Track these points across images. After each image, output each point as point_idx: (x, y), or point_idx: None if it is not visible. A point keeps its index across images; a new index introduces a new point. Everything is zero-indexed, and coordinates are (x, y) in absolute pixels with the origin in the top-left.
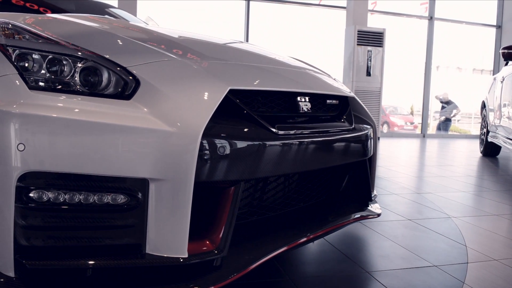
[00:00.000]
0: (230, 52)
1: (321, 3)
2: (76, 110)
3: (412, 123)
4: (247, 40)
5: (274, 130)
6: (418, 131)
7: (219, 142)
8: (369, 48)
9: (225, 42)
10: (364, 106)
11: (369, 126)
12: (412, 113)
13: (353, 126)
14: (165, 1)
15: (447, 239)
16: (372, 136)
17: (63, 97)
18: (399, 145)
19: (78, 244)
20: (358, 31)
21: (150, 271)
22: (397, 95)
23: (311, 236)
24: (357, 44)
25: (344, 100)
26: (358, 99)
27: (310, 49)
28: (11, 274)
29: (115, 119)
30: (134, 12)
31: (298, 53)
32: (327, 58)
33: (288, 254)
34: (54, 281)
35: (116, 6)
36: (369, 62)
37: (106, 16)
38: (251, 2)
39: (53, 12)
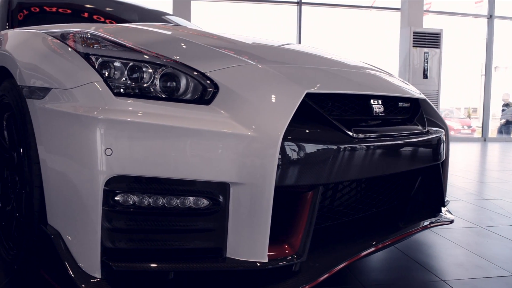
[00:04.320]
0: (301, 56)
1: (374, 5)
2: (159, 115)
3: (469, 126)
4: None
5: (350, 133)
6: (476, 135)
7: (298, 146)
8: (426, 49)
9: (293, 47)
10: (436, 109)
11: (441, 129)
12: (469, 116)
13: (426, 129)
14: (215, 5)
15: None
16: (444, 140)
17: (146, 103)
18: (459, 149)
19: (161, 247)
20: (413, 33)
21: (228, 276)
22: (453, 97)
23: (387, 243)
24: (413, 46)
25: (415, 103)
26: (429, 101)
27: (363, 52)
28: (98, 275)
29: (198, 124)
30: (188, 18)
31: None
32: (381, 61)
33: (358, 260)
34: (138, 282)
35: (171, 13)
36: (426, 64)
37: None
38: (303, 7)
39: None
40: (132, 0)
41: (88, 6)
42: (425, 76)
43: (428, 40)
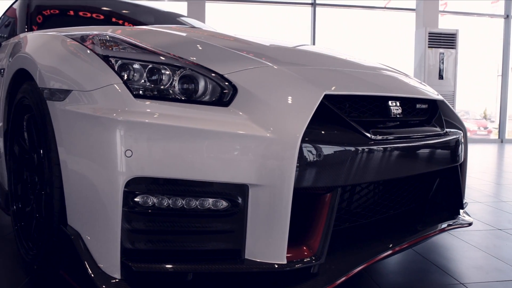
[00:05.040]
0: (317, 58)
1: (388, 5)
2: (179, 117)
3: (485, 128)
4: None
5: (369, 135)
6: (492, 136)
7: (317, 148)
8: (441, 50)
9: (309, 48)
10: (454, 110)
11: (459, 131)
12: (485, 118)
13: (444, 130)
14: (229, 6)
15: None
16: (463, 141)
17: (165, 105)
18: (476, 151)
19: (180, 248)
20: (429, 33)
21: (246, 277)
22: (469, 98)
23: (404, 246)
24: (428, 47)
25: (433, 104)
26: (447, 103)
27: (377, 52)
28: (117, 275)
29: (216, 126)
30: (202, 20)
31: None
32: (395, 62)
33: (375, 263)
34: (157, 283)
35: (186, 14)
36: (441, 65)
37: (180, 25)
38: (317, 8)
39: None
40: (148, 2)
41: (105, 8)
42: (440, 77)
43: (444, 40)
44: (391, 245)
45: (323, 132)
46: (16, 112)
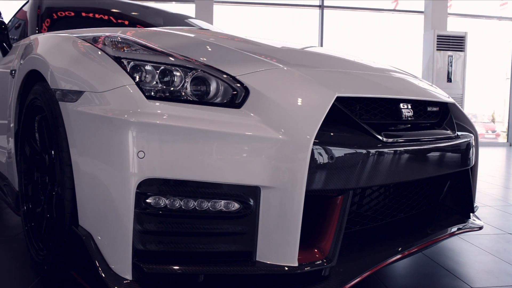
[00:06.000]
0: (328, 60)
1: (397, 8)
2: (191, 118)
3: (494, 131)
4: None
5: (380, 137)
6: (501, 139)
7: (329, 150)
8: (450, 53)
9: (318, 50)
10: (465, 113)
11: (471, 134)
12: (493, 121)
13: (455, 133)
14: (237, 8)
15: None
16: (474, 145)
17: (177, 106)
18: (484, 154)
19: (192, 250)
20: (437, 36)
21: (256, 279)
22: (477, 102)
23: (414, 250)
24: (437, 49)
25: (444, 107)
26: (458, 106)
27: (385, 55)
28: (128, 277)
29: (229, 127)
30: (210, 22)
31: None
32: (404, 64)
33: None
34: (167, 284)
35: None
36: (450, 68)
37: (189, 27)
38: (324, 10)
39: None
40: (156, 4)
41: (114, 10)
42: (449, 79)
43: (452, 43)
44: (401, 248)
45: (335, 134)
46: (27, 113)
